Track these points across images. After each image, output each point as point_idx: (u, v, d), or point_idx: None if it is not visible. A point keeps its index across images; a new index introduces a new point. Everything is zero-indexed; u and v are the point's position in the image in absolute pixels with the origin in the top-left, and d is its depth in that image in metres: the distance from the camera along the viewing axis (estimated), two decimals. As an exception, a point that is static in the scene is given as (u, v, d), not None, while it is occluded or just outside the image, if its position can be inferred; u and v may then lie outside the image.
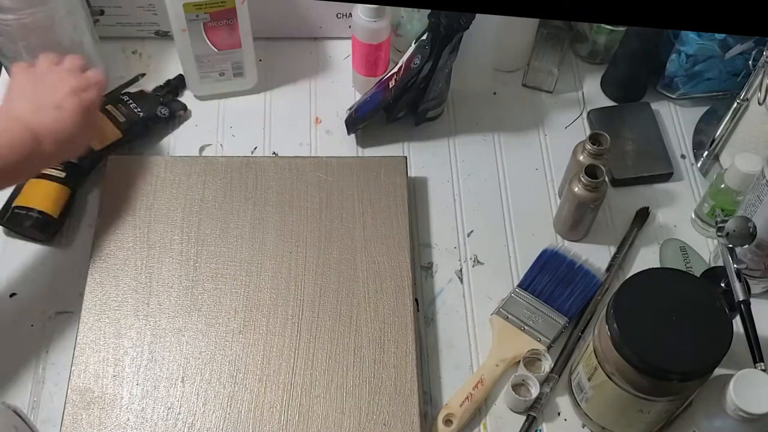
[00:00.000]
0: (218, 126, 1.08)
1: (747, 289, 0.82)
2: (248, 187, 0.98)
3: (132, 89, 1.09)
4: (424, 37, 0.98)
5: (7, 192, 0.98)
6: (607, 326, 0.76)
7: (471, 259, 0.98)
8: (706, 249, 1.00)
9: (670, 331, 0.74)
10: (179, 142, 1.07)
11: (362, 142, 1.07)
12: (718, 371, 0.76)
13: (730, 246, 0.83)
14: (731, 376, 0.73)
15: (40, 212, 0.95)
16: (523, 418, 0.87)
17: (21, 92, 0.87)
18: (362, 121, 1.04)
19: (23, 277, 0.95)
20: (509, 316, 0.92)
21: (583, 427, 0.88)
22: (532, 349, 0.89)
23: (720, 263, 0.90)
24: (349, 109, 1.06)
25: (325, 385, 0.86)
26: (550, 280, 0.94)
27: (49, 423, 0.86)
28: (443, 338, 0.93)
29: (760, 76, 0.94)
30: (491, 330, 0.93)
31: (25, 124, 0.82)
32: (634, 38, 1.05)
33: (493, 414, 0.88)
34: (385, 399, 0.85)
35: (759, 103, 0.95)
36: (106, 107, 1.04)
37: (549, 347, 0.90)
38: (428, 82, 1.01)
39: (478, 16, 0.97)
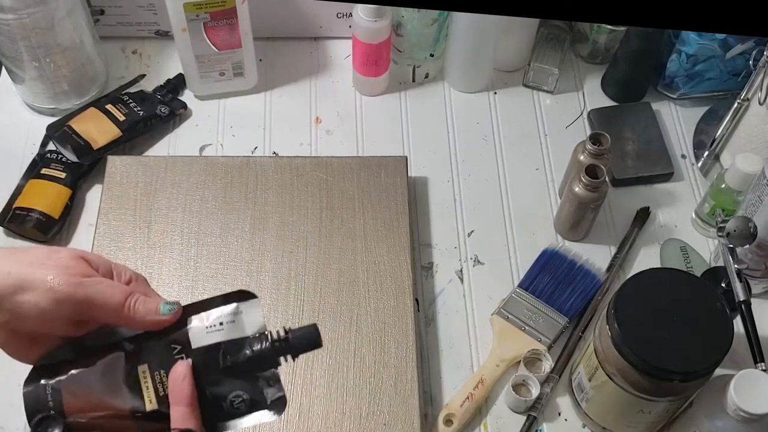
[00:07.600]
0: (218, 126, 1.08)
1: (747, 289, 0.82)
2: (248, 187, 0.98)
3: (132, 89, 1.09)
4: None
5: (8, 193, 0.98)
6: (607, 326, 0.76)
7: (471, 259, 0.98)
8: (707, 249, 0.99)
9: (670, 331, 0.74)
10: (179, 142, 1.07)
11: (363, 142, 1.07)
12: (719, 371, 0.76)
13: (731, 246, 0.83)
14: (732, 376, 0.73)
15: (41, 213, 0.95)
16: (524, 418, 0.87)
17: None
18: None
19: (23, 278, 0.94)
20: (510, 316, 0.92)
21: (584, 428, 0.88)
22: (533, 349, 0.89)
23: (720, 263, 0.90)
24: None
25: (325, 385, 0.86)
26: (551, 280, 0.94)
27: (50, 423, 0.85)
28: (444, 338, 0.92)
29: (760, 76, 0.94)
30: (492, 330, 0.92)
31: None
32: (635, 38, 1.05)
33: (494, 414, 0.88)
34: (385, 399, 0.85)
35: (759, 103, 0.95)
36: (107, 107, 1.04)
37: (549, 347, 0.90)
38: None
39: (478, 15, 0.97)
